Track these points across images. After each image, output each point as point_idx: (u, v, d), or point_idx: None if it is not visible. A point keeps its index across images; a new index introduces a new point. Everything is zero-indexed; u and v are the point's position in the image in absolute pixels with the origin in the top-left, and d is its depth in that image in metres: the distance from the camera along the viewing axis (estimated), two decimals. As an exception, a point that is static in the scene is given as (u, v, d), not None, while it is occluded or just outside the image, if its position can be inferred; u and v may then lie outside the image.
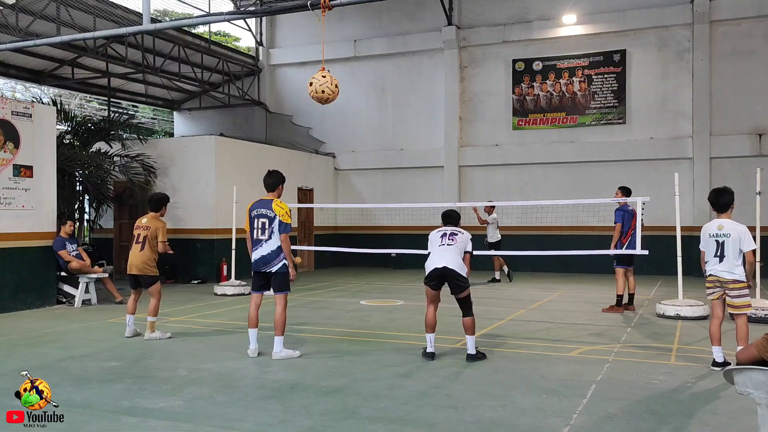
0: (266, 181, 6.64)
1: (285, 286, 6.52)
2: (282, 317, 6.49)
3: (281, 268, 6.42)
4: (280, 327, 6.48)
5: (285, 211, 6.36)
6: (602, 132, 16.63)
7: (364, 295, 11.87)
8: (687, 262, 9.79)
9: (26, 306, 9.99)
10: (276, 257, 6.40)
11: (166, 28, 11.89)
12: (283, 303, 6.54)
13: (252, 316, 6.64)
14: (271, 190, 6.58)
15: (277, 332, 6.47)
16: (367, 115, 19.02)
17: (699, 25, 15.65)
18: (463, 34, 17.83)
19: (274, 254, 6.40)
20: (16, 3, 12.65)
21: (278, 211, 6.35)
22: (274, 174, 6.62)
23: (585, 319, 9.14)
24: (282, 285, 6.50)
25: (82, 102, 23.75)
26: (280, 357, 6.42)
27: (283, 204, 6.43)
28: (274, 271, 6.42)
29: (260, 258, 6.44)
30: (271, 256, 6.41)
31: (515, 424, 4.44)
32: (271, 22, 20.19)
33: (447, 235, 6.55)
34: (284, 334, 6.53)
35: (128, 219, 14.97)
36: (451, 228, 6.66)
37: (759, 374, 3.07)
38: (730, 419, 4.56)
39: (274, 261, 6.41)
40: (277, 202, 6.43)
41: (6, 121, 9.72)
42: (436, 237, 6.61)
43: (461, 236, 6.54)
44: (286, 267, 6.42)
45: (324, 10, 7.64)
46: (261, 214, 6.45)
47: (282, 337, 6.50)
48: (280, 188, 6.62)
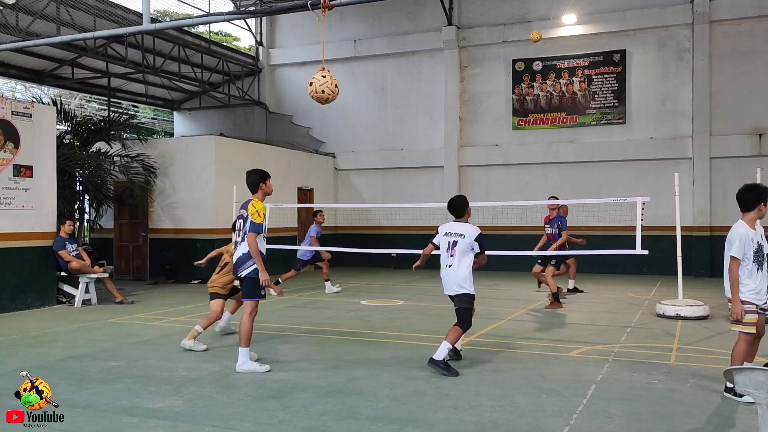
0: (246, 182, 6.23)
1: (253, 292, 6.02)
2: (246, 326, 5.95)
3: (251, 273, 5.95)
4: (244, 337, 5.95)
5: (256, 209, 5.92)
6: (602, 132, 16.63)
7: (364, 295, 11.87)
8: (687, 262, 9.79)
9: (26, 306, 9.99)
10: (246, 260, 5.97)
11: (166, 28, 11.89)
12: (249, 310, 6.02)
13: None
14: (253, 190, 6.17)
15: (241, 343, 5.97)
16: (367, 115, 19.02)
17: (699, 25, 15.65)
18: (463, 34, 17.83)
19: (245, 257, 5.98)
20: (16, 3, 12.65)
21: (251, 210, 5.95)
22: (252, 173, 6.21)
23: (585, 319, 9.14)
24: (250, 291, 6.03)
25: (82, 102, 23.75)
26: (243, 370, 5.90)
27: (258, 203, 6.00)
28: (243, 275, 6.02)
29: (235, 261, 6.10)
30: (242, 258, 6.00)
31: (515, 424, 4.44)
32: (271, 22, 20.19)
33: (450, 245, 6.07)
34: (249, 345, 6.02)
35: (128, 219, 14.99)
36: (455, 227, 6.15)
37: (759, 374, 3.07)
38: (730, 419, 4.56)
39: (244, 264, 5.99)
40: (254, 201, 6.03)
41: (6, 121, 9.72)
42: (443, 241, 6.17)
43: (463, 241, 6.02)
44: (256, 272, 5.92)
45: (324, 10, 7.64)
46: (240, 215, 6.16)
47: (246, 349, 5.99)
48: (263, 186, 6.13)
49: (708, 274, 15.23)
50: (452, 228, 6.18)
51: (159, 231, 14.59)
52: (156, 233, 14.61)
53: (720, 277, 5.64)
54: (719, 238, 15.29)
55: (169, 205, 14.49)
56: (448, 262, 6.08)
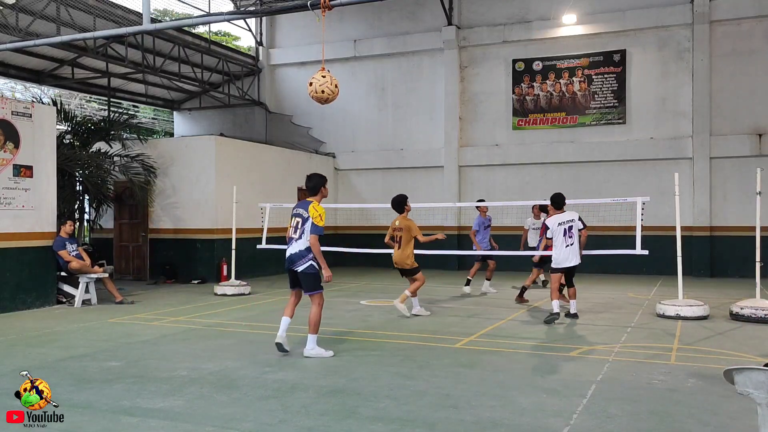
0: (307, 185, 6.85)
1: (314, 286, 6.60)
2: (315, 316, 6.58)
3: (308, 269, 6.54)
4: (312, 325, 6.58)
5: (319, 213, 6.48)
6: (602, 132, 16.63)
7: (364, 295, 11.87)
8: (687, 262, 9.80)
9: (26, 306, 9.99)
10: (303, 257, 6.53)
11: (166, 28, 11.90)
12: (316, 302, 6.62)
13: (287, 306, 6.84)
14: (313, 193, 6.74)
15: (310, 330, 6.60)
16: (367, 115, 19.02)
17: (699, 25, 15.65)
18: (463, 34, 17.83)
19: (301, 254, 6.53)
20: (16, 3, 12.66)
21: (312, 213, 6.48)
22: (314, 177, 6.84)
23: (585, 319, 9.14)
24: (310, 285, 6.60)
25: (82, 102, 23.74)
26: (310, 354, 6.53)
27: (320, 207, 6.56)
28: (299, 270, 6.56)
29: (289, 256, 6.63)
30: (298, 255, 6.55)
31: (515, 424, 4.44)
32: (271, 22, 20.19)
33: (566, 231, 8.69)
34: (318, 332, 6.62)
35: (128, 219, 14.99)
36: (567, 217, 8.79)
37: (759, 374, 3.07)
38: (730, 419, 4.56)
39: (300, 261, 6.54)
40: (315, 204, 6.56)
41: (6, 121, 9.72)
42: (558, 229, 8.74)
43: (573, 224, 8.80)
44: (313, 268, 6.54)
45: (324, 10, 7.64)
46: (297, 214, 6.66)
47: (315, 336, 6.60)
48: (323, 190, 6.75)
49: (708, 274, 15.22)
50: (565, 217, 8.82)
51: (159, 231, 14.59)
52: (156, 233, 14.61)
53: (720, 276, 5.68)
54: (719, 238, 15.48)
55: (169, 205, 14.49)
56: (568, 242, 8.75)
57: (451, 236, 17.44)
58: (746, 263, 11.56)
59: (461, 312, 9.90)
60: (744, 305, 8.87)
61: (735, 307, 8.97)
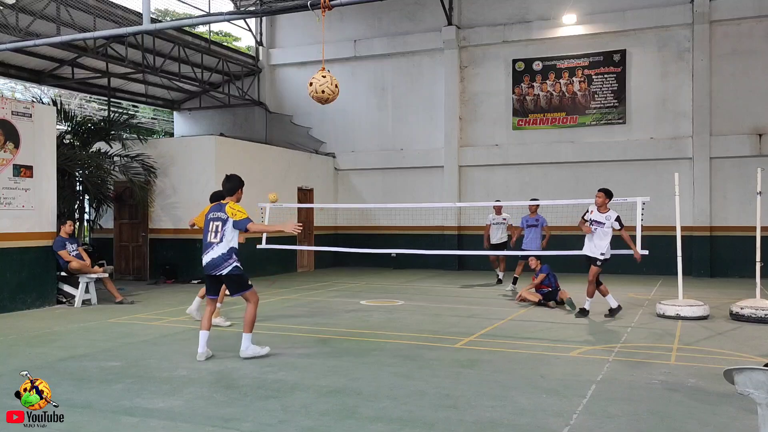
0: (224, 186, 6.70)
1: (242, 286, 6.48)
2: (251, 316, 6.44)
3: (233, 270, 6.41)
4: (247, 324, 6.44)
5: (237, 209, 6.40)
6: (602, 132, 16.63)
7: (364, 295, 11.87)
8: (687, 262, 9.79)
9: (26, 306, 9.99)
10: (225, 260, 6.40)
11: (166, 28, 11.89)
12: (252, 300, 6.48)
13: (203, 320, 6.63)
14: (230, 194, 6.62)
15: (245, 329, 6.45)
16: (367, 115, 19.02)
17: (699, 25, 15.65)
18: (463, 34, 17.83)
19: (223, 257, 6.40)
20: (16, 3, 12.65)
21: (230, 212, 6.40)
22: (233, 178, 6.69)
23: (585, 319, 9.14)
24: (239, 286, 6.48)
25: (82, 102, 23.73)
26: (247, 355, 6.39)
27: (236, 205, 6.47)
28: (224, 273, 6.43)
29: (209, 261, 6.48)
30: (220, 258, 6.41)
31: (515, 424, 4.44)
32: (271, 22, 20.20)
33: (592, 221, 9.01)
34: (252, 331, 6.47)
35: (128, 219, 14.99)
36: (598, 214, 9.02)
37: (759, 374, 3.07)
38: (730, 419, 4.56)
39: (223, 264, 6.40)
40: (231, 204, 6.48)
41: (6, 121, 9.72)
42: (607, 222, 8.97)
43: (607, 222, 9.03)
44: (238, 269, 6.41)
45: (324, 10, 7.64)
46: (215, 218, 6.53)
47: (250, 335, 6.45)
48: (239, 192, 6.65)
49: (708, 274, 15.22)
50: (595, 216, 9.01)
51: (159, 231, 14.59)
52: (156, 233, 14.61)
53: (720, 277, 5.68)
54: (719, 238, 15.48)
55: (169, 205, 14.48)
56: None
57: (452, 236, 17.47)
58: (746, 263, 11.57)
59: (461, 312, 9.90)
60: (744, 305, 8.87)
61: (735, 307, 8.97)
